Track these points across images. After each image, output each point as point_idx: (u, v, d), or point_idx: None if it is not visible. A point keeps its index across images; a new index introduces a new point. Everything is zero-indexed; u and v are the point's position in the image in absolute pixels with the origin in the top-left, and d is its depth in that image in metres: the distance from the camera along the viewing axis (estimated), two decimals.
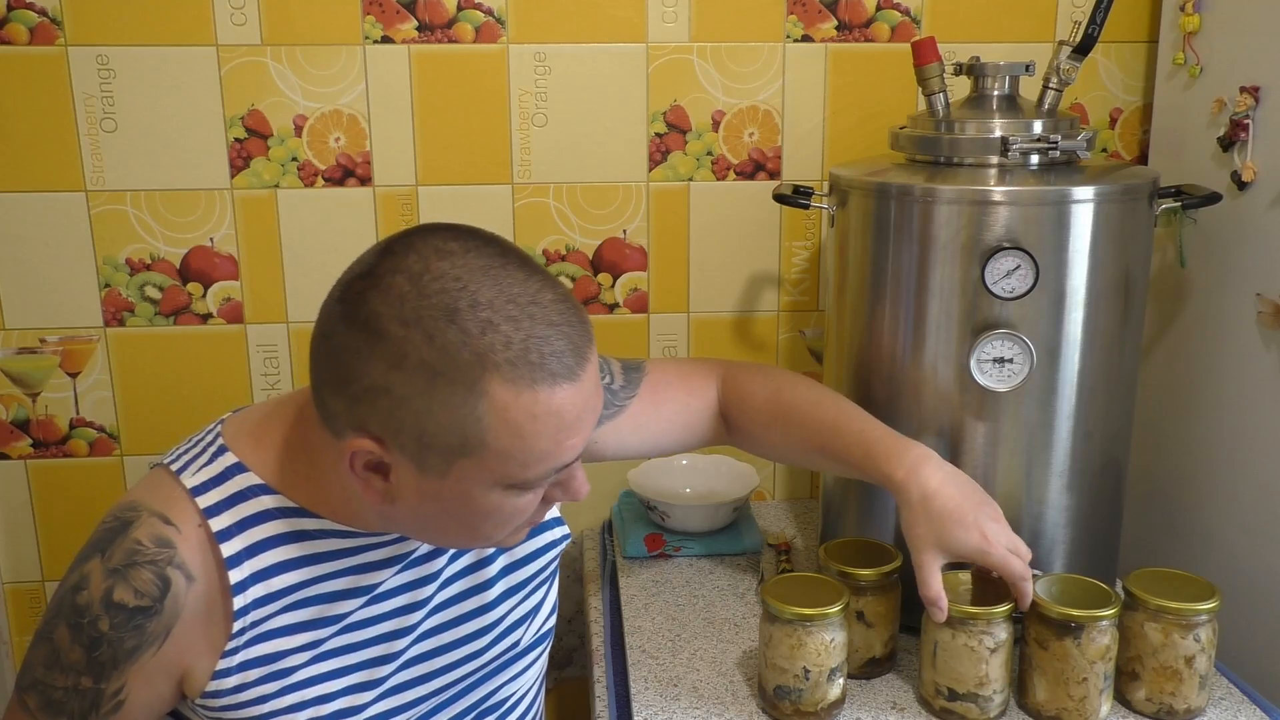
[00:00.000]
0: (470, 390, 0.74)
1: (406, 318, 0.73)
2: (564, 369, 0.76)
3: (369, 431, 0.77)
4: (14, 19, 1.37)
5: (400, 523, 0.84)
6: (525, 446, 0.76)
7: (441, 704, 0.97)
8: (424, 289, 0.74)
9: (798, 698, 1.02)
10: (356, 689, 0.90)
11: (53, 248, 1.45)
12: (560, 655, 1.64)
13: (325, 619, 0.88)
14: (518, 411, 0.74)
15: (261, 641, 0.86)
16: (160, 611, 0.82)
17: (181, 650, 0.84)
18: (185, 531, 0.83)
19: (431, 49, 1.43)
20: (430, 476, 0.78)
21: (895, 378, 1.16)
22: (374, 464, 0.79)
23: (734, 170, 1.51)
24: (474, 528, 0.82)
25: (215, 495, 0.85)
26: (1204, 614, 1.02)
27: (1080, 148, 1.12)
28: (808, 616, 1.00)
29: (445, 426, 0.75)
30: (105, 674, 0.84)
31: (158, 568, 0.82)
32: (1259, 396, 1.25)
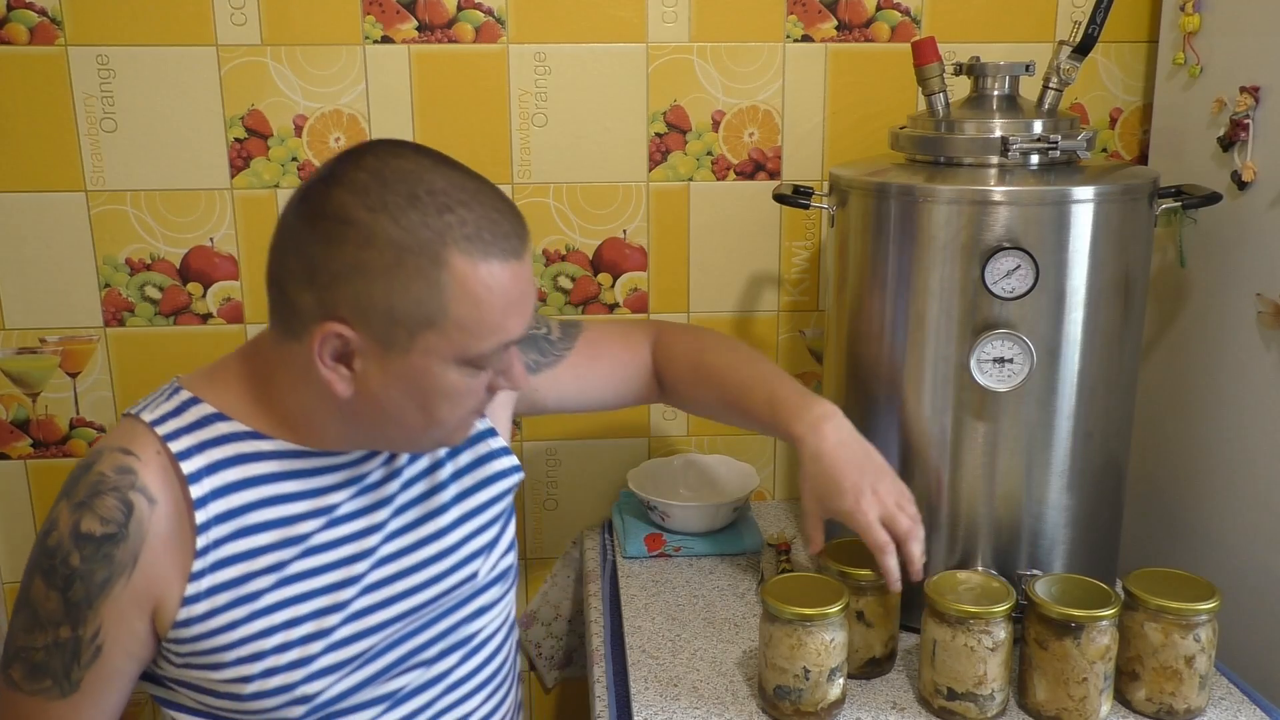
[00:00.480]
0: (434, 262, 0.82)
1: (372, 205, 0.82)
2: (511, 249, 0.86)
3: (339, 316, 0.84)
4: (14, 19, 1.37)
5: (360, 419, 0.90)
6: (480, 317, 0.85)
7: (406, 633, 0.99)
8: (385, 180, 0.83)
9: (798, 698, 1.02)
10: (323, 613, 0.94)
11: (53, 248, 1.45)
12: (560, 655, 1.64)
13: (287, 541, 0.92)
14: (474, 282, 0.84)
15: (227, 566, 0.90)
16: (126, 537, 0.87)
17: (151, 579, 0.88)
18: (145, 458, 0.89)
19: (431, 49, 1.43)
20: (395, 354, 0.85)
21: (895, 378, 1.16)
22: (341, 352, 0.86)
23: (734, 170, 1.51)
24: (430, 411, 0.88)
25: (174, 424, 0.91)
26: (1204, 614, 1.02)
27: (1080, 148, 1.12)
28: (808, 616, 1.00)
29: (412, 298, 0.83)
30: (81, 616, 0.88)
31: (120, 493, 0.87)
32: (1259, 396, 1.25)
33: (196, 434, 0.91)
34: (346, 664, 0.95)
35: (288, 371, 0.90)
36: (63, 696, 0.90)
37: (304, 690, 0.93)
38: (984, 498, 1.15)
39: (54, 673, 0.90)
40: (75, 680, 0.90)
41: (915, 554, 1.05)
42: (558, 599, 1.61)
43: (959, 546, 1.17)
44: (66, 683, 0.90)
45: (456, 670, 1.04)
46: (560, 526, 1.61)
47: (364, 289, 0.83)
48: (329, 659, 0.94)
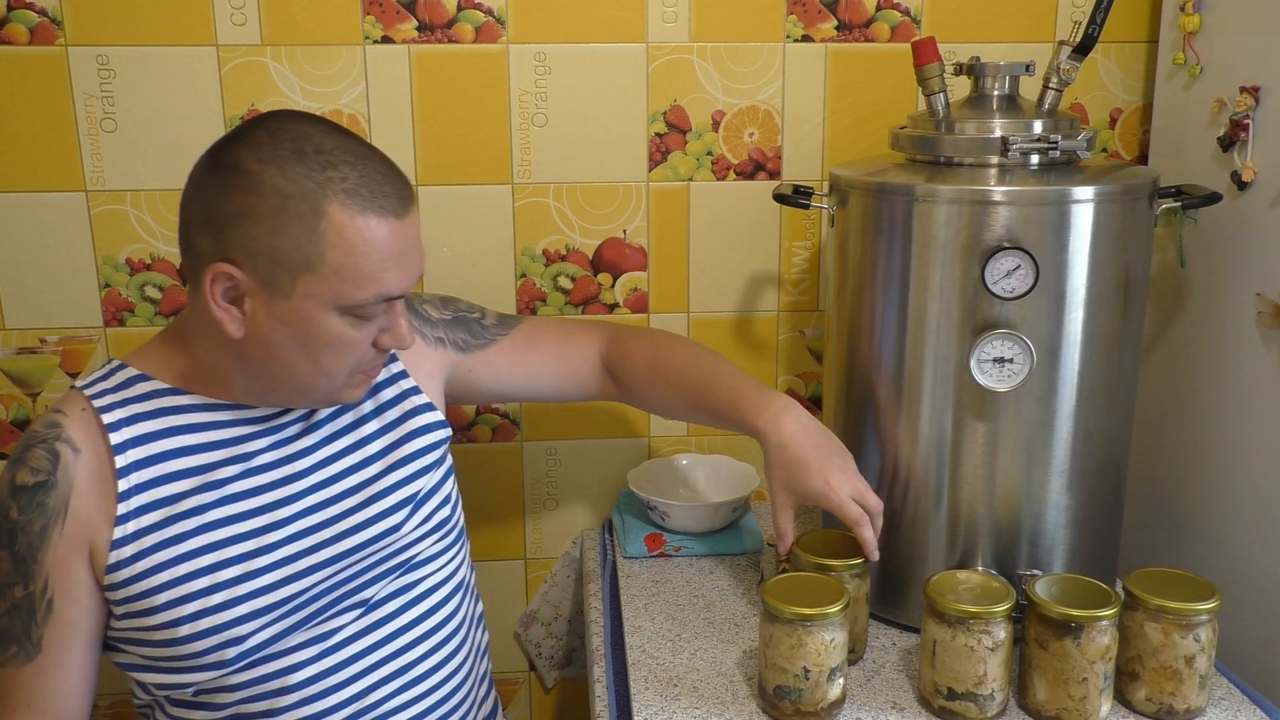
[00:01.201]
0: (314, 210, 0.90)
1: (263, 158, 0.91)
2: (390, 208, 0.93)
3: (229, 257, 0.92)
4: (14, 19, 1.37)
5: (254, 364, 0.97)
6: (356, 265, 0.92)
7: (339, 579, 1.04)
8: (278, 139, 0.92)
9: (798, 698, 1.02)
10: (247, 556, 0.99)
11: (53, 248, 1.45)
12: (560, 655, 1.64)
13: (205, 486, 0.99)
14: (351, 232, 0.91)
15: (150, 511, 0.97)
16: (55, 484, 0.95)
17: (82, 524, 0.96)
18: (71, 414, 0.98)
19: (431, 49, 1.43)
20: (279, 298, 0.93)
21: (895, 378, 1.16)
22: (231, 293, 0.93)
23: (734, 170, 1.51)
24: (315, 358, 0.95)
25: (100, 386, 1.01)
26: (1204, 614, 1.02)
27: (1080, 148, 1.12)
28: (808, 616, 1.00)
29: (292, 242, 0.91)
30: (30, 571, 0.95)
31: (47, 445, 0.96)
32: (1259, 396, 1.25)
33: (120, 393, 1.00)
34: (276, 606, 1.00)
35: (197, 324, 0.99)
36: (29, 660, 0.96)
37: (235, 632, 0.98)
38: (984, 498, 1.15)
39: (17, 636, 0.96)
40: (36, 640, 0.96)
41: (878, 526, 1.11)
42: (558, 599, 1.61)
43: (959, 546, 1.17)
44: (29, 644, 0.96)
45: (397, 618, 1.08)
46: (560, 526, 1.61)
47: (250, 231, 0.91)
48: (258, 602, 0.99)
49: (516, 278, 1.52)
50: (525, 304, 1.52)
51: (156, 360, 1.03)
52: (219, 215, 0.92)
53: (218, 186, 0.92)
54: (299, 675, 1.02)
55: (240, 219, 0.91)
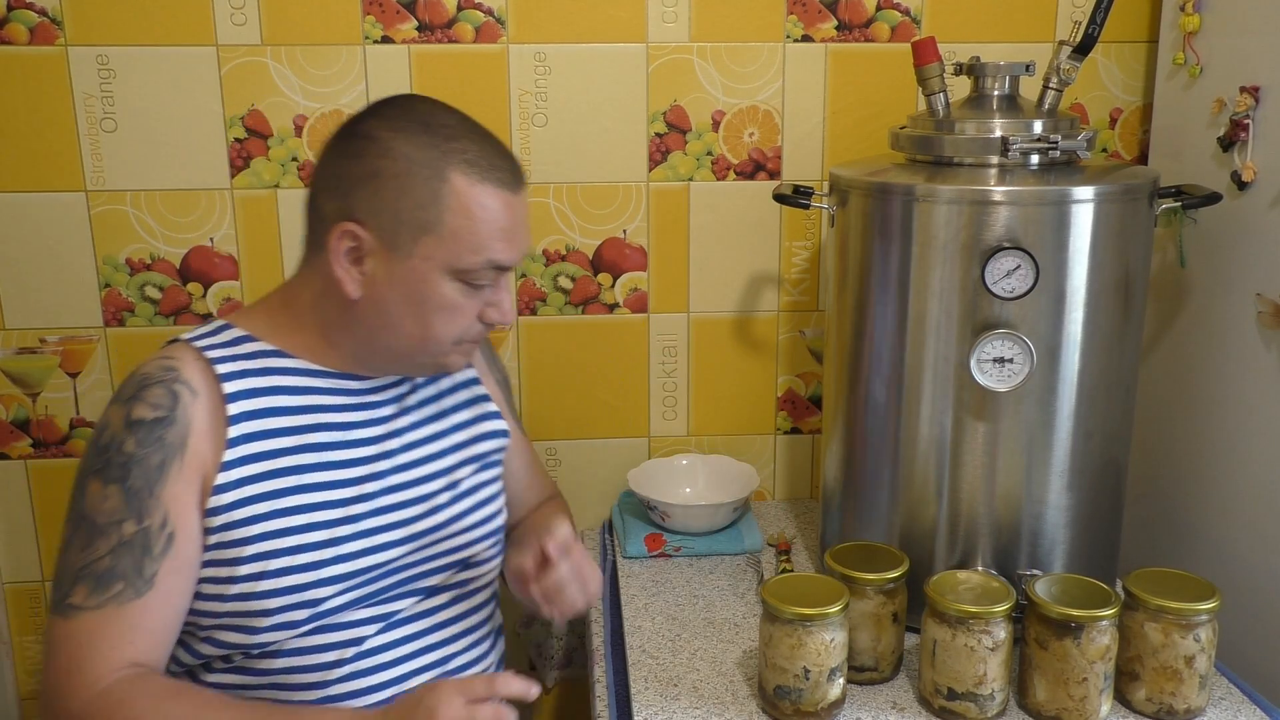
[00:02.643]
0: (437, 175, 0.96)
1: (394, 127, 0.98)
2: (505, 181, 0.99)
3: (355, 216, 0.97)
4: (14, 19, 1.37)
5: (365, 326, 1.01)
6: (472, 230, 0.97)
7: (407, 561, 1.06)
8: (407, 112, 1.00)
9: (798, 698, 1.02)
10: (335, 524, 1.01)
11: (53, 248, 1.45)
12: (560, 655, 1.64)
13: (305, 447, 1.02)
14: (470, 199, 0.97)
15: (253, 461, 0.99)
16: (175, 421, 0.96)
17: (197, 463, 0.97)
18: (184, 360, 1.00)
19: (431, 49, 1.43)
20: (399, 257, 0.97)
21: (895, 378, 1.16)
22: (355, 253, 0.98)
23: (734, 170, 1.51)
24: (425, 321, 0.99)
25: (209, 340, 1.02)
26: (1204, 614, 1.02)
27: (1080, 148, 1.12)
28: (808, 616, 1.00)
29: (415, 203, 0.96)
30: (145, 506, 0.94)
31: (166, 385, 0.97)
32: (1259, 396, 1.25)
33: (229, 349, 1.02)
34: (352, 576, 1.02)
35: (309, 288, 1.03)
36: (137, 596, 0.94)
37: (312, 594, 1.00)
38: (984, 498, 1.15)
39: (125, 573, 0.93)
40: (149, 575, 0.94)
41: None
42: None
43: (959, 546, 1.17)
44: (140, 580, 0.94)
45: (445, 610, 1.10)
46: None
47: (377, 191, 0.96)
48: (338, 569, 1.01)
49: (516, 278, 1.52)
50: (525, 304, 1.52)
51: (261, 323, 1.05)
52: (348, 179, 0.98)
53: (349, 154, 0.99)
54: (355, 650, 1.03)
55: (368, 180, 0.97)
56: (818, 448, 1.62)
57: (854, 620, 1.08)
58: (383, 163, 0.97)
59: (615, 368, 1.56)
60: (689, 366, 1.57)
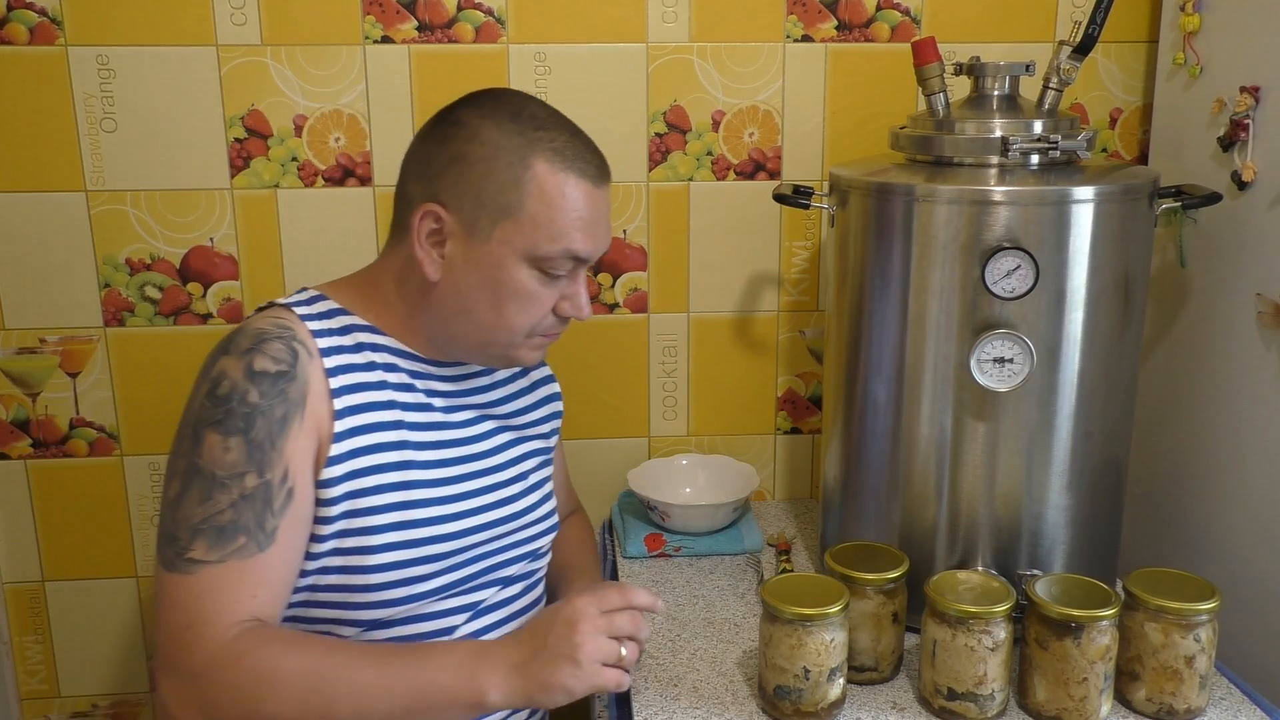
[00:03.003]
0: (521, 162, 0.97)
1: (484, 114, 1.00)
2: (589, 174, 1.00)
3: (439, 199, 0.99)
4: (14, 19, 1.37)
5: (443, 309, 1.01)
6: (551, 217, 0.98)
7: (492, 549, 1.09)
8: (498, 101, 1.02)
9: (798, 698, 1.02)
10: (435, 503, 1.03)
11: (53, 248, 1.45)
12: None
13: (402, 424, 1.02)
14: (551, 186, 0.98)
15: (358, 435, 0.99)
16: (296, 376, 0.96)
17: (315, 423, 0.96)
18: (294, 323, 1.00)
19: (431, 49, 1.43)
20: (478, 241, 0.98)
21: (895, 378, 1.16)
22: (436, 235, 0.99)
23: (734, 170, 1.51)
24: (501, 308, 1.00)
25: (307, 310, 1.02)
26: (1204, 614, 1.02)
27: (1080, 148, 1.12)
28: (808, 616, 1.00)
29: (497, 186, 0.97)
30: (267, 459, 0.93)
31: (285, 341, 0.97)
32: (1259, 396, 1.25)
33: (325, 321, 1.02)
34: (444, 558, 1.03)
35: (391, 271, 1.04)
36: (260, 550, 0.92)
37: (416, 571, 1.01)
38: (984, 498, 1.15)
39: (247, 527, 0.92)
40: (271, 530, 0.92)
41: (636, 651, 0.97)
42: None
43: (959, 546, 1.17)
44: (262, 534, 0.92)
45: (520, 599, 1.13)
46: None
47: (462, 173, 0.98)
48: (439, 547, 1.02)
49: None
50: None
51: (355, 298, 1.05)
52: (435, 162, 1.00)
53: (438, 139, 1.01)
54: (447, 639, 1.03)
55: (454, 163, 0.98)
56: (818, 448, 1.62)
57: (854, 620, 1.08)
58: (469, 147, 0.98)
59: (615, 368, 1.56)
60: (689, 366, 1.57)
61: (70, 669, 1.59)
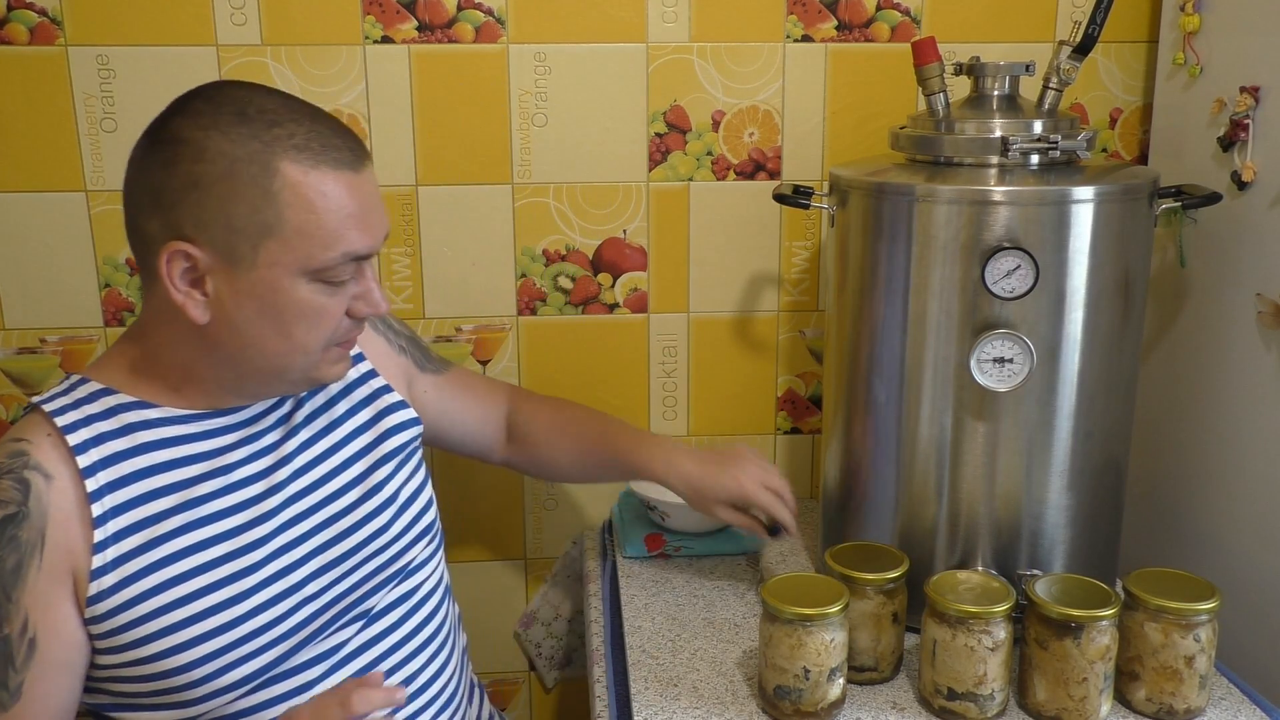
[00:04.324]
0: (264, 170, 0.85)
1: (204, 125, 0.86)
2: (344, 161, 0.88)
3: (183, 234, 0.86)
4: (14, 19, 1.37)
5: (223, 350, 0.91)
6: (318, 223, 0.87)
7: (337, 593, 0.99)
8: (217, 104, 0.87)
9: (798, 698, 1.02)
10: (237, 577, 0.93)
11: (53, 248, 1.45)
12: (560, 655, 1.64)
13: (185, 504, 0.93)
14: (307, 188, 0.86)
15: (128, 535, 0.90)
16: (28, 514, 0.87)
17: (62, 555, 0.88)
18: (36, 440, 0.90)
19: (431, 49, 1.43)
20: (242, 270, 0.87)
21: (895, 378, 1.16)
22: (191, 274, 0.88)
23: (734, 170, 1.51)
24: (287, 331, 0.90)
25: (62, 402, 0.92)
26: (1204, 614, 1.02)
27: (1080, 148, 1.12)
28: (808, 616, 1.00)
29: (248, 206, 0.85)
30: (3, 611, 0.86)
31: (15, 474, 0.88)
32: (1259, 396, 1.25)
33: (83, 409, 0.92)
34: (277, 623, 0.95)
35: (157, 322, 0.93)
36: (3, 710, 0.86)
37: (236, 653, 0.92)
38: (984, 498, 1.15)
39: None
40: (15, 687, 0.86)
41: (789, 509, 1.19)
42: (558, 599, 1.61)
43: (959, 546, 1.17)
44: (5, 692, 0.86)
45: (399, 629, 1.04)
46: (560, 526, 1.61)
47: (200, 201, 0.86)
48: (257, 620, 0.93)
49: (516, 278, 1.52)
50: (525, 304, 1.52)
51: (117, 371, 0.95)
52: (165, 193, 0.86)
53: (160, 163, 0.87)
54: (308, 696, 0.96)
55: (188, 191, 0.85)
56: (818, 448, 1.62)
57: (854, 620, 1.08)
58: (200, 168, 0.85)
59: (615, 367, 1.56)
60: (689, 366, 1.57)
61: None
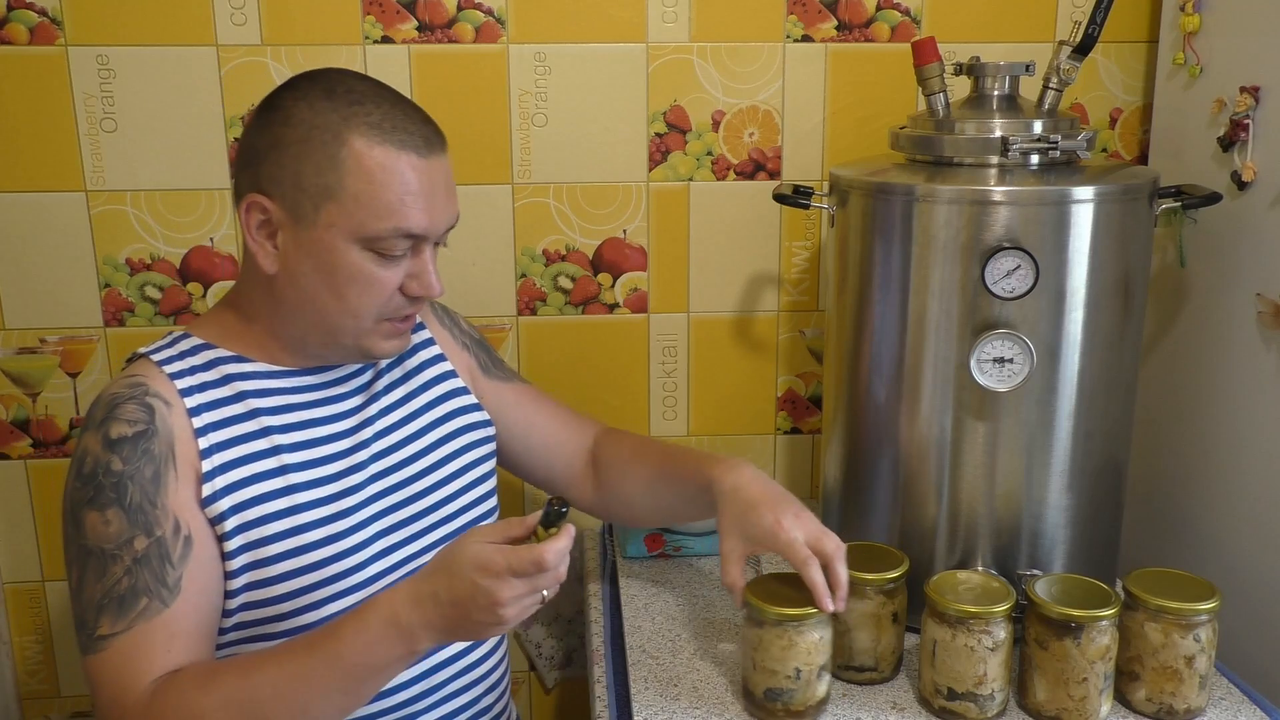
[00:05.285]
0: (335, 139, 0.95)
1: (297, 96, 0.97)
2: (412, 144, 0.96)
3: (260, 187, 0.97)
4: (14, 19, 1.37)
5: (287, 303, 0.99)
6: (374, 194, 0.95)
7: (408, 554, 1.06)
8: (314, 81, 0.98)
9: (790, 698, 1.02)
10: (327, 521, 1.00)
11: (53, 248, 1.45)
12: (560, 655, 1.64)
13: (278, 448, 1.00)
14: (370, 160, 0.95)
15: (227, 471, 0.97)
16: (156, 431, 0.95)
17: (188, 468, 0.95)
18: (150, 375, 0.99)
19: (431, 49, 1.43)
20: (304, 227, 0.96)
21: (895, 378, 1.16)
22: (266, 227, 0.97)
23: (734, 170, 1.51)
24: (341, 294, 0.97)
25: (167, 353, 1.01)
26: (1204, 614, 1.02)
27: (1080, 148, 1.12)
28: (798, 616, 1.00)
29: (314, 168, 0.94)
30: (151, 518, 0.92)
31: (138, 400, 0.96)
32: (1259, 396, 1.25)
33: (186, 360, 1.01)
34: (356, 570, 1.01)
35: (246, 280, 1.03)
36: (166, 606, 0.91)
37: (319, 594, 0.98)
38: (984, 498, 1.15)
39: (146, 588, 0.91)
40: (174, 582, 0.92)
41: (841, 574, 1.01)
42: (558, 599, 1.61)
43: (959, 546, 1.17)
44: (164, 589, 0.92)
45: None
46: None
47: (279, 160, 0.96)
48: (341, 565, 1.00)
49: (516, 278, 1.52)
50: (525, 304, 1.52)
51: (215, 328, 1.04)
52: (254, 151, 0.98)
53: (257, 126, 0.99)
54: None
55: (270, 150, 0.96)
56: (818, 448, 1.62)
57: (854, 620, 1.08)
58: (284, 130, 0.96)
59: (615, 368, 1.56)
60: (689, 366, 1.57)
61: (70, 669, 1.59)
